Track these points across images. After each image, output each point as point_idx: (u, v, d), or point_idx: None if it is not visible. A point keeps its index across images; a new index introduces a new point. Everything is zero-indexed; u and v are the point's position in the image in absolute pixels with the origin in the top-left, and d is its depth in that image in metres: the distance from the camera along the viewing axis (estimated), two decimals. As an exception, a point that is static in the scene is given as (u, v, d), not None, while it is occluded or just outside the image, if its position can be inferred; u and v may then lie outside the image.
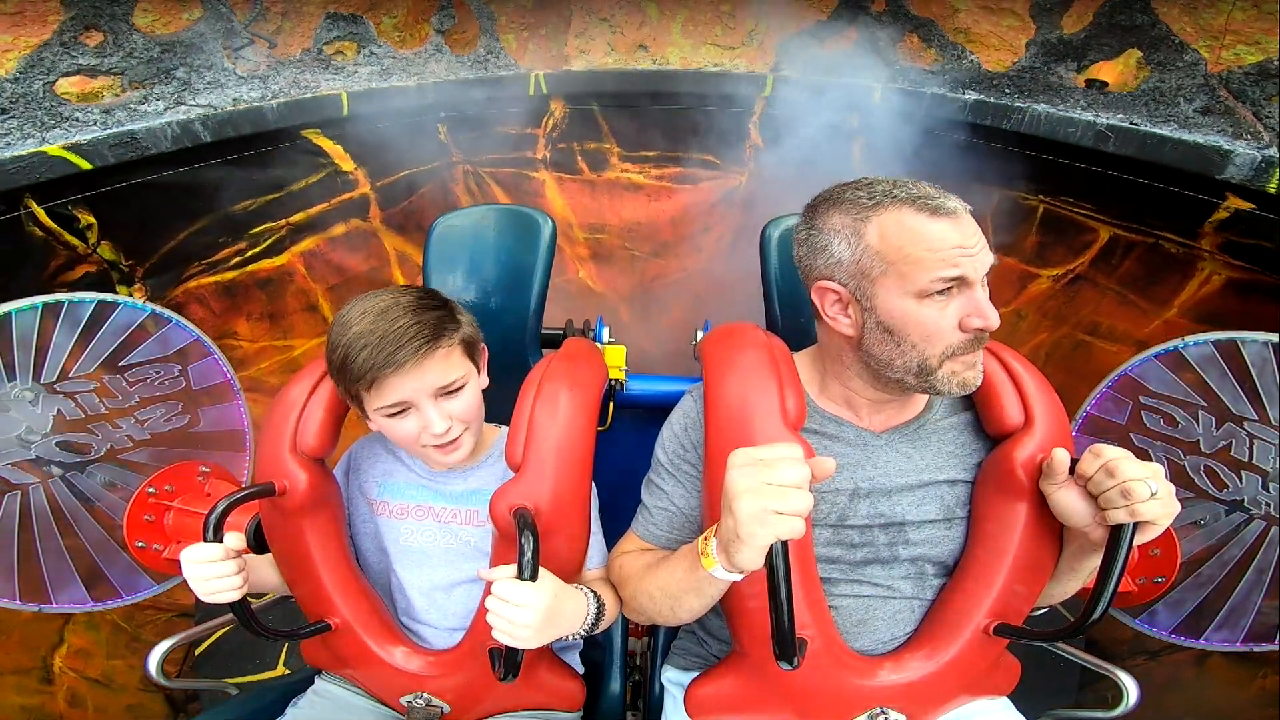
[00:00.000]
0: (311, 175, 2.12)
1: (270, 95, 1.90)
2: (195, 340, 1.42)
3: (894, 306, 0.81)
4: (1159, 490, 0.72)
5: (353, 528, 1.11)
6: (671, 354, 2.64)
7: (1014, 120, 1.83)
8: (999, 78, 1.93)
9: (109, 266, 1.76)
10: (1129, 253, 1.85)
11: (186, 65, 1.78)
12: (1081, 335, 2.01)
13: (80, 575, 1.34)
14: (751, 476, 0.65)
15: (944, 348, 0.81)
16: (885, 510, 0.91)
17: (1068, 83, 1.83)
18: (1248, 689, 1.50)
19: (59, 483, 1.32)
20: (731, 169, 2.46)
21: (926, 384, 0.83)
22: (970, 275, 0.78)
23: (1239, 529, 1.25)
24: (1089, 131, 1.71)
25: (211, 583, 0.85)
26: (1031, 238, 2.05)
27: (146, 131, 1.65)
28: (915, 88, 2.00)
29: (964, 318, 0.79)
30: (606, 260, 2.76)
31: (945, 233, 0.78)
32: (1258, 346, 1.20)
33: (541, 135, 2.43)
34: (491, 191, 2.56)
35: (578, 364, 1.05)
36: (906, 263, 0.79)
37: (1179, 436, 1.28)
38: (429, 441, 0.94)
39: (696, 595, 0.82)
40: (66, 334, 1.28)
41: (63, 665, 1.67)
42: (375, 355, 0.86)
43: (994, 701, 0.97)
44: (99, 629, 1.76)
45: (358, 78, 2.07)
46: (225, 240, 2.01)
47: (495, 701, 1.02)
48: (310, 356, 2.37)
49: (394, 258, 2.50)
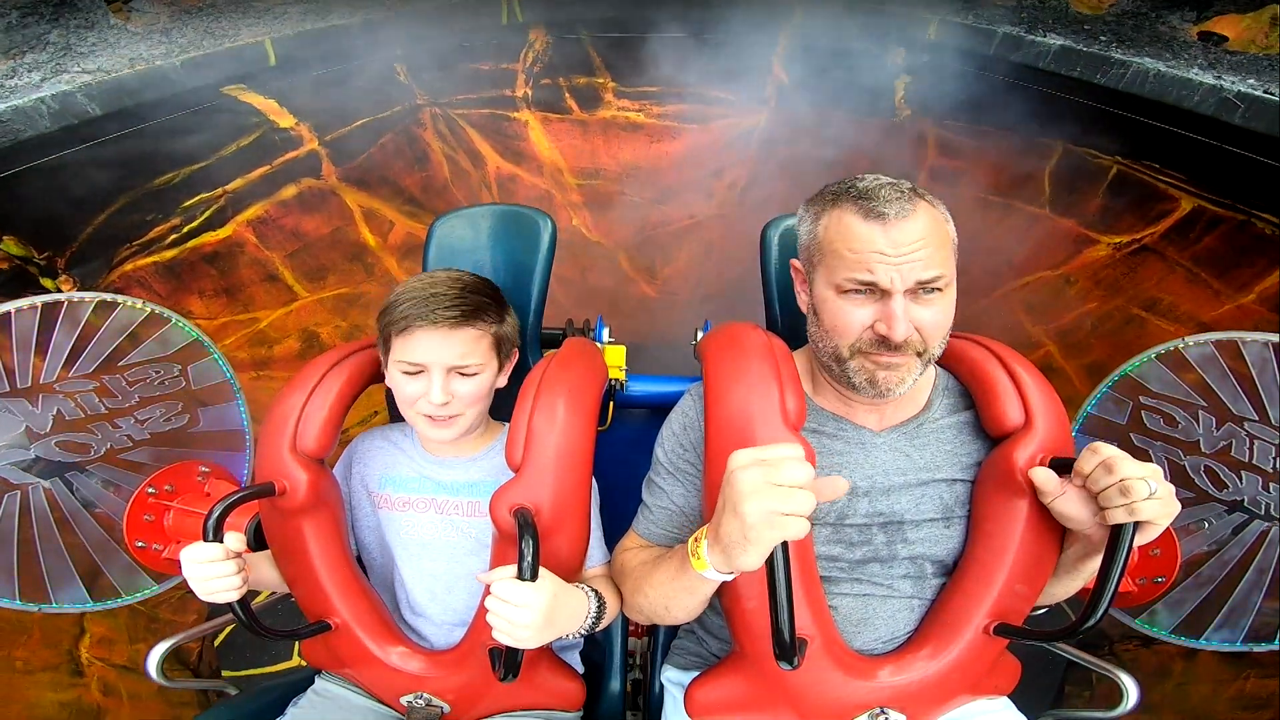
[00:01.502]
0: (243, 137, 1.93)
1: (177, 51, 1.67)
2: (195, 340, 1.42)
3: (820, 294, 0.88)
4: (1158, 490, 0.72)
5: (355, 523, 1.12)
6: (681, 304, 2.45)
7: (1112, 75, 1.58)
8: (1092, 21, 1.69)
9: (21, 262, 1.63)
10: (1212, 228, 1.69)
11: (60, 27, 1.55)
12: (1136, 310, 1.87)
13: (80, 575, 1.34)
14: (756, 478, 0.65)
15: (852, 342, 0.85)
16: (884, 509, 0.91)
17: (1181, 35, 1.57)
18: (1228, 689, 1.48)
19: (59, 483, 1.32)
20: (749, 106, 2.22)
21: (842, 373, 0.88)
22: (883, 283, 0.80)
23: (1239, 529, 1.25)
24: (1212, 97, 1.47)
25: (211, 583, 0.85)
26: (1096, 200, 1.90)
27: (14, 111, 1.44)
28: (982, 24, 1.76)
29: (875, 322, 0.83)
30: (603, 208, 2.56)
31: (870, 236, 0.81)
32: (1258, 346, 1.20)
33: (520, 70, 2.21)
34: (466, 136, 2.36)
35: (577, 364, 1.05)
36: (833, 257, 0.84)
37: (1179, 437, 1.28)
38: (424, 409, 0.98)
39: (689, 594, 0.82)
40: (66, 334, 1.28)
41: (89, 656, 1.65)
42: (416, 308, 0.95)
43: (994, 701, 0.97)
44: (116, 615, 1.73)
45: (288, 19, 1.82)
46: (155, 218, 1.86)
47: (495, 701, 1.02)
48: (279, 327, 2.25)
49: (359, 215, 2.33)
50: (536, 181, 2.53)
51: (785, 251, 1.18)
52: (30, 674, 1.53)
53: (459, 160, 2.46)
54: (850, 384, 0.87)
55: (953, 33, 1.80)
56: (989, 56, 1.77)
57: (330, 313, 2.41)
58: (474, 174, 2.45)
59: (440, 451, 1.11)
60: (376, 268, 2.48)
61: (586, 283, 2.70)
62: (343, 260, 2.41)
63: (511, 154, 2.49)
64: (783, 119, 2.23)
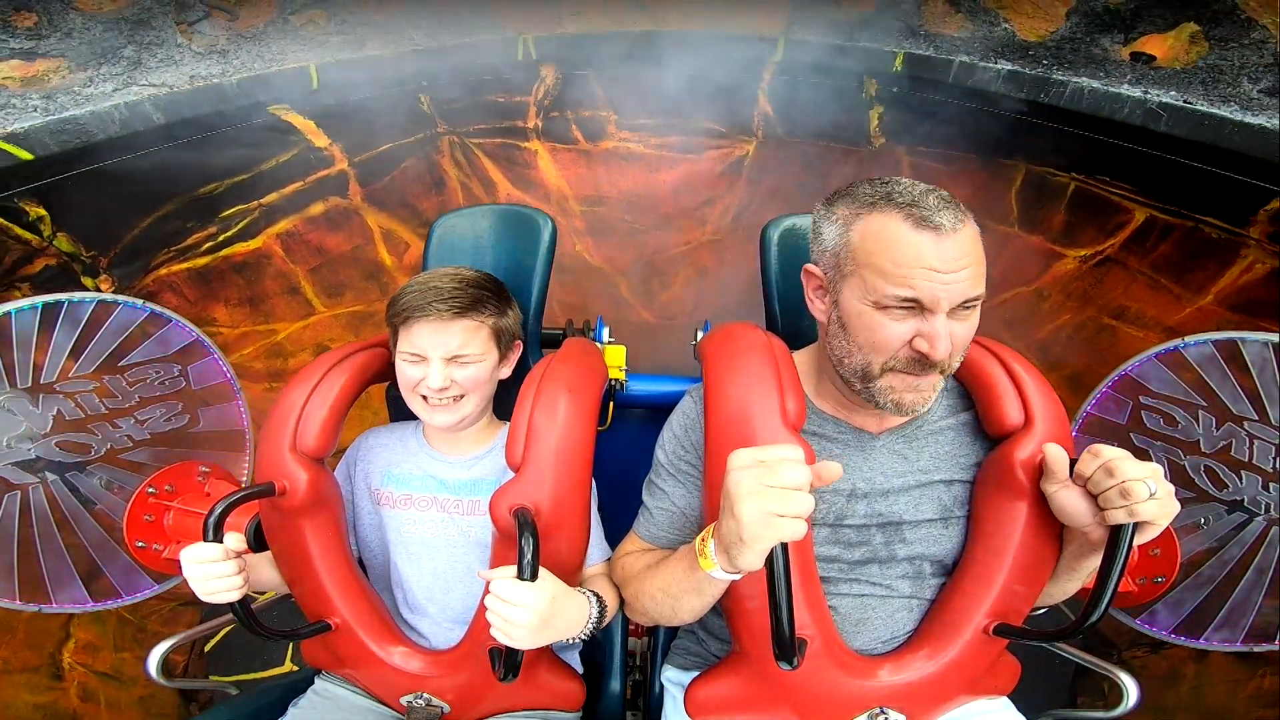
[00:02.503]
0: (282, 153, 2.02)
1: (231, 71, 1.80)
2: (195, 340, 1.42)
3: (853, 307, 0.81)
4: (1158, 490, 0.72)
5: (357, 521, 1.12)
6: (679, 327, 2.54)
7: (1053, 94, 1.71)
8: (1035, 48, 1.81)
9: (69, 259, 1.69)
10: (1165, 236, 1.77)
11: (135, 43, 1.69)
12: (1107, 319, 1.95)
13: (80, 575, 1.34)
14: (754, 479, 0.65)
15: (887, 359, 0.80)
16: (883, 510, 0.91)
17: (1113, 56, 1.71)
18: (1245, 688, 1.49)
19: (59, 483, 1.32)
20: (738, 137, 2.34)
21: (867, 391, 0.83)
22: (928, 302, 0.75)
23: (1239, 529, 1.25)
24: (1139, 109, 1.60)
25: (211, 583, 0.85)
26: (1060, 216, 1.98)
27: (91, 116, 1.55)
28: (941, 54, 1.89)
29: (915, 338, 0.78)
30: (605, 234, 2.67)
31: (920, 248, 0.75)
32: (1258, 346, 1.20)
33: (532, 103, 2.32)
34: (480, 164, 2.47)
35: (577, 364, 1.05)
36: (872, 270, 0.78)
37: (1179, 436, 1.28)
38: (423, 391, 1.02)
39: (696, 595, 0.82)
40: (66, 334, 1.28)
41: (71, 661, 1.66)
42: (417, 299, 1.00)
43: (994, 701, 0.97)
44: (104, 622, 1.75)
45: (329, 47, 1.95)
46: (194, 225, 1.93)
47: (495, 701, 1.02)
48: (295, 340, 2.32)
49: (378, 235, 2.42)
50: (543, 207, 2.59)
51: (785, 251, 1.17)
52: (8, 674, 1.54)
53: (473, 186, 2.56)
54: (874, 402, 0.84)
55: (916, 64, 1.91)
56: (949, 84, 1.87)
57: (344, 329, 2.47)
58: (486, 199, 2.55)
59: (444, 449, 1.11)
60: (391, 287, 2.55)
61: (589, 309, 2.77)
62: (360, 278, 2.48)
63: (521, 182, 2.58)
64: (769, 149, 2.33)
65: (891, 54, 1.90)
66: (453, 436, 1.11)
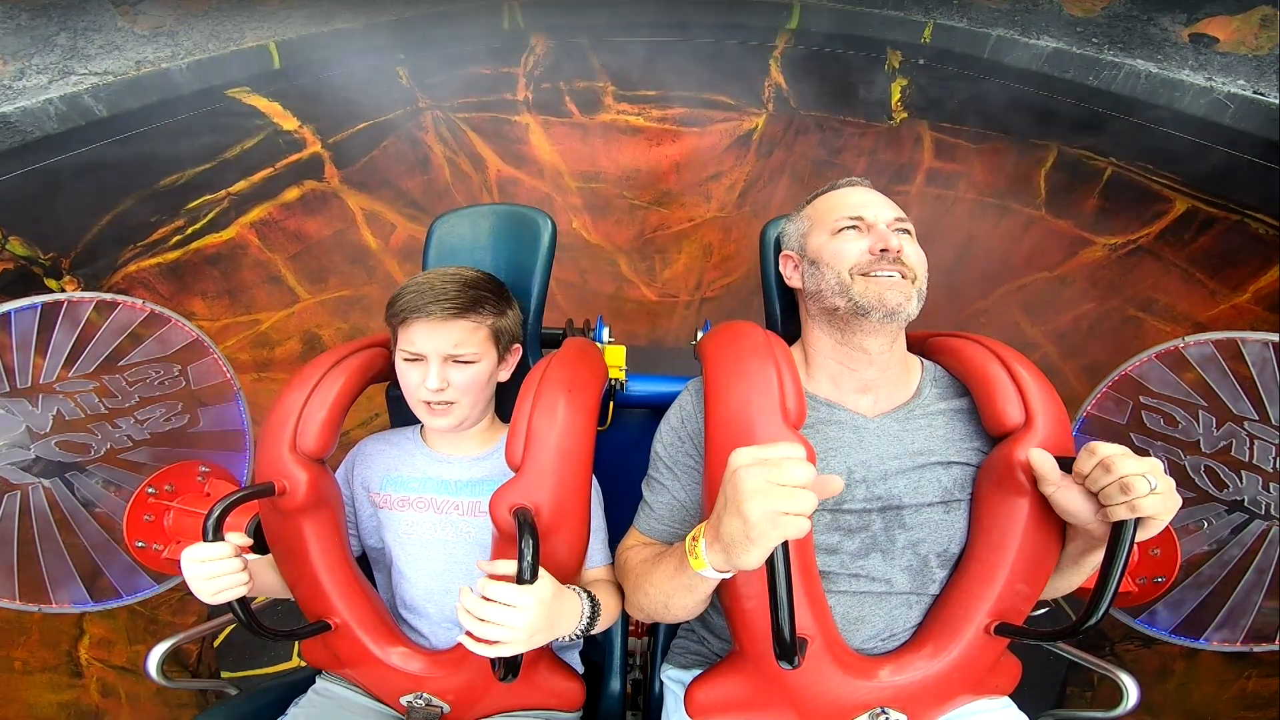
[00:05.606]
0: (247, 139, 1.94)
1: (182, 54, 1.68)
2: (195, 340, 1.42)
3: (816, 244, 1.01)
4: (1158, 485, 0.72)
5: (359, 527, 1.12)
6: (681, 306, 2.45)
7: (1104, 77, 1.59)
8: (1084, 24, 1.69)
9: (26, 262, 1.63)
10: (1206, 229, 1.70)
11: (68, 30, 1.55)
12: (1133, 311, 1.89)
13: (80, 575, 1.34)
14: (758, 477, 0.65)
15: (852, 264, 0.94)
16: (881, 493, 0.92)
17: (1172, 37, 1.58)
18: (1230, 688, 1.48)
19: (59, 483, 1.32)
20: (747, 110, 2.25)
21: (850, 301, 0.93)
22: (869, 217, 0.98)
23: (1239, 529, 1.25)
24: (1201, 98, 1.49)
25: (211, 582, 0.85)
26: (1093, 201, 1.91)
27: (22, 113, 1.43)
28: (977, 27, 1.78)
29: (871, 244, 0.95)
30: (602, 210, 2.59)
31: (849, 195, 1.03)
32: (1258, 346, 1.20)
33: (521, 74, 2.23)
34: (468, 139, 2.37)
35: (577, 364, 1.05)
36: (823, 216, 1.02)
37: (1179, 436, 1.28)
38: (423, 395, 1.02)
39: (688, 592, 0.82)
40: (66, 334, 1.28)
41: (89, 657, 1.65)
42: (415, 300, 1.00)
43: (995, 701, 0.96)
44: (115, 616, 1.74)
45: (292, 22, 1.83)
46: (159, 219, 1.86)
47: (495, 701, 1.02)
48: (280, 329, 2.26)
49: (361, 218, 2.34)
50: (537, 184, 2.55)
51: (785, 251, 1.18)
52: (29, 675, 1.53)
53: (460, 163, 2.49)
54: (860, 309, 0.92)
55: (947, 36, 1.82)
56: (984, 59, 1.78)
57: (331, 315, 2.43)
58: (475, 177, 2.47)
59: (445, 450, 1.11)
60: (378, 270, 2.50)
61: (587, 286, 2.71)
62: (344, 262, 2.43)
63: (512, 157, 2.51)
64: (780, 122, 2.25)
65: (920, 24, 1.81)
66: (455, 438, 1.11)
